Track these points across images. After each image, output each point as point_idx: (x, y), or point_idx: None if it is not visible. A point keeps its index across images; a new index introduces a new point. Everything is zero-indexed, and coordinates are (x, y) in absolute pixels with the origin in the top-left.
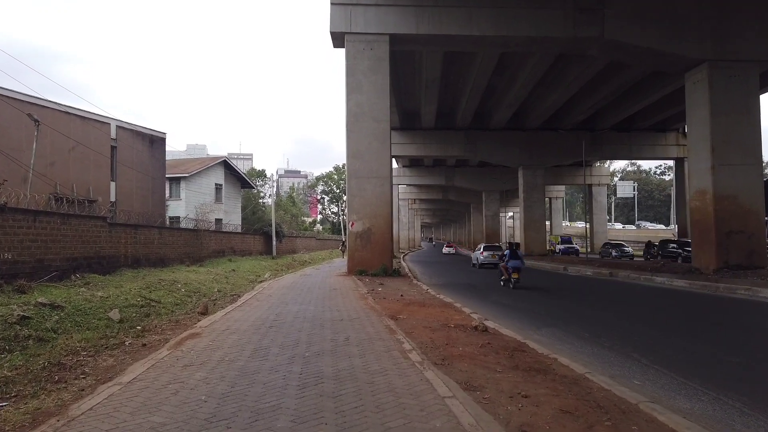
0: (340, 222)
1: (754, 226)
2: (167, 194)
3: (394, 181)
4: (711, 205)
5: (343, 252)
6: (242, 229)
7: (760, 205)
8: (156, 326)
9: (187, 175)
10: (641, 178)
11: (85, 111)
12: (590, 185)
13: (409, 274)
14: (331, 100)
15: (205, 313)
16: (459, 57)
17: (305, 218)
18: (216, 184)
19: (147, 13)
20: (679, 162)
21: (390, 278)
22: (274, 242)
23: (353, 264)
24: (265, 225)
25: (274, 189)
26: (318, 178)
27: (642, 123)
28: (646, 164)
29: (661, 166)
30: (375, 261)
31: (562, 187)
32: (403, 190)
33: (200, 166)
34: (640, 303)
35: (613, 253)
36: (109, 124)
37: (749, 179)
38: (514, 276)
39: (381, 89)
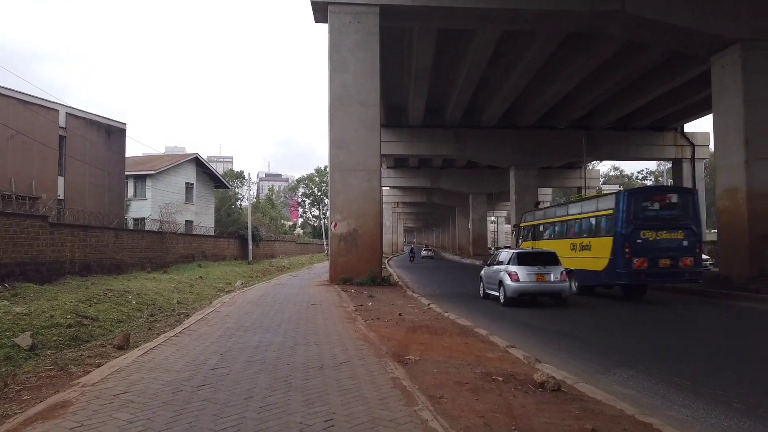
0: (321, 225)
1: None
2: (131, 193)
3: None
4: (744, 204)
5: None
6: (215, 231)
7: None
8: (26, 377)
9: (153, 172)
10: (624, 183)
11: (28, 95)
12: (580, 188)
13: (401, 284)
14: (315, 103)
15: (123, 346)
16: (452, 44)
17: (285, 222)
18: (187, 183)
19: (127, 14)
20: (677, 163)
21: (380, 288)
22: (250, 246)
23: (336, 271)
24: (240, 228)
25: (253, 190)
26: (299, 181)
27: (640, 121)
28: (628, 169)
29: (643, 171)
30: (362, 268)
31: (550, 191)
32: (386, 192)
33: (169, 162)
34: (693, 321)
35: None
36: (57, 110)
37: None
38: None
39: (370, 69)
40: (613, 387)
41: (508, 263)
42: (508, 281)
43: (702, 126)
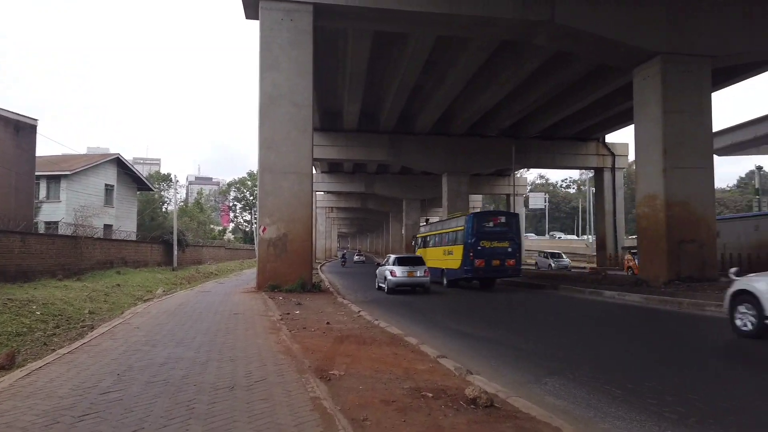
0: (253, 231)
1: (705, 234)
2: (42, 194)
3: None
4: (662, 211)
5: None
6: (138, 236)
7: (711, 212)
8: None
9: (69, 172)
10: (549, 191)
11: None
12: (509, 195)
13: (332, 289)
14: (250, 106)
15: (6, 366)
16: (387, 50)
17: (215, 226)
18: (106, 185)
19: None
20: (599, 171)
21: (310, 295)
22: (175, 252)
23: (264, 278)
24: (165, 232)
25: (181, 193)
26: (230, 184)
27: (564, 132)
28: (553, 178)
29: (566, 179)
30: (291, 274)
31: (480, 197)
32: (320, 197)
33: (86, 163)
34: (612, 324)
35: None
36: None
37: (701, 184)
38: None
39: (303, 68)
40: (545, 399)
41: (392, 264)
42: (389, 276)
43: (621, 137)
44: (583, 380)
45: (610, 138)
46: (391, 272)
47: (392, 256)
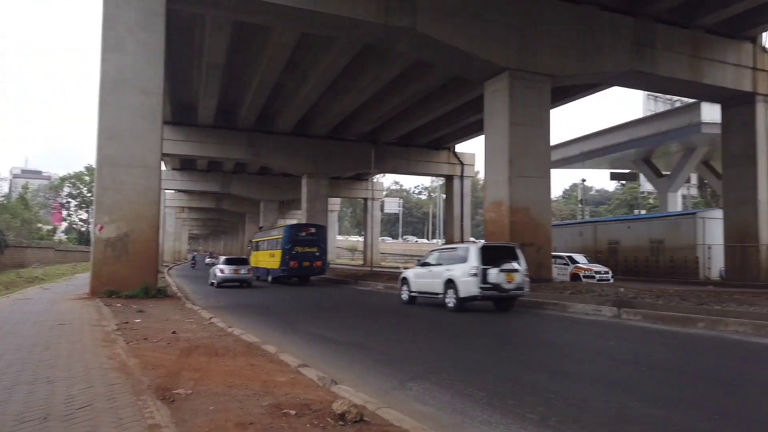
0: (89, 231)
1: (543, 239)
2: None
3: (161, 185)
4: (507, 216)
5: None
6: None
7: (548, 218)
8: None
9: None
10: (403, 196)
11: None
12: (366, 199)
13: (180, 295)
14: (91, 93)
15: None
16: (248, 45)
17: (44, 226)
18: None
19: None
20: (449, 179)
21: (154, 301)
22: None
23: (100, 282)
24: None
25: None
26: (63, 179)
27: (419, 140)
28: (406, 184)
29: (419, 186)
30: (133, 278)
31: (338, 200)
32: (170, 195)
33: None
34: (457, 325)
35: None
36: None
37: (540, 192)
38: None
39: (153, 53)
40: (413, 405)
41: (221, 264)
42: (218, 273)
43: (469, 147)
44: (444, 383)
45: (460, 148)
46: (220, 270)
47: (222, 257)
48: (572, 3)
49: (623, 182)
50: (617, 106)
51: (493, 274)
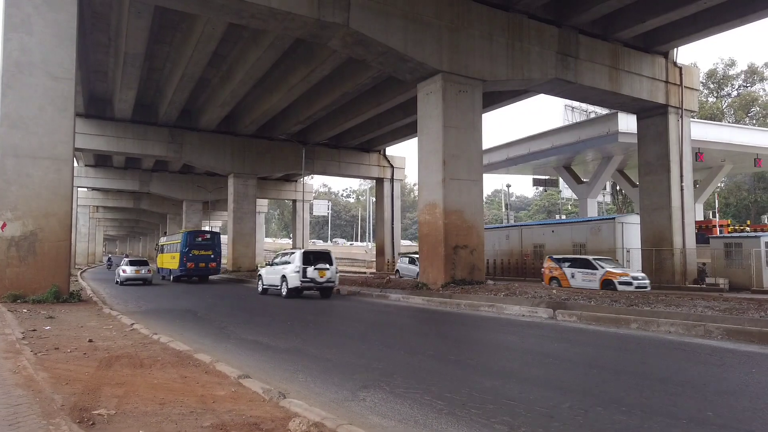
0: None
1: (476, 241)
2: None
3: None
4: (441, 218)
5: None
6: None
7: (480, 221)
8: None
9: None
10: (331, 199)
11: None
12: (295, 201)
13: (96, 299)
14: None
15: None
16: (170, 35)
17: None
18: None
19: None
20: (380, 182)
21: (66, 306)
22: None
23: (2, 286)
24: None
25: None
26: None
27: (350, 142)
28: (335, 187)
29: (347, 189)
30: (42, 281)
31: (266, 202)
32: (83, 194)
33: None
34: (408, 326)
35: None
36: None
37: (473, 195)
38: None
39: (63, 34)
40: (370, 419)
41: (124, 265)
42: (121, 273)
43: (399, 150)
44: (399, 392)
45: (390, 151)
46: (123, 270)
47: (125, 260)
48: (503, 10)
49: (545, 188)
50: (538, 115)
51: (310, 271)
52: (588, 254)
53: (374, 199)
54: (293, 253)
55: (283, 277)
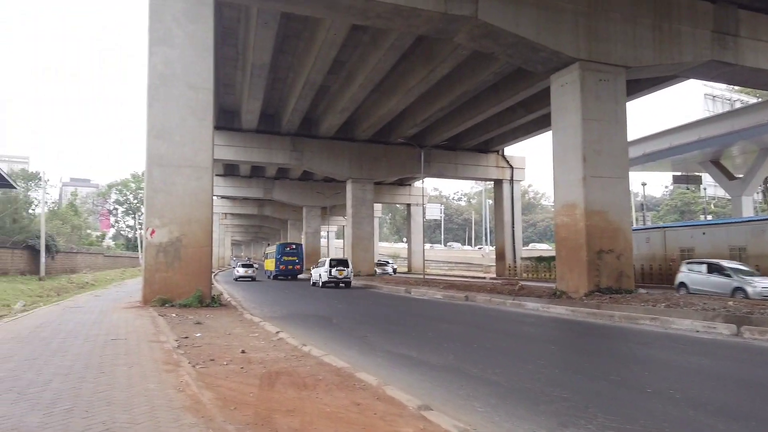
0: (136, 237)
1: (623, 245)
2: None
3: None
4: (582, 220)
5: None
6: None
7: (627, 222)
8: None
9: None
10: (443, 203)
11: None
12: (409, 205)
13: (234, 303)
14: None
15: None
16: (293, 44)
17: (92, 231)
18: None
19: None
20: (498, 183)
21: (209, 311)
22: (42, 259)
23: (152, 290)
24: (31, 236)
25: (51, 193)
26: (110, 186)
27: (467, 143)
28: (446, 191)
29: (458, 192)
30: (186, 286)
31: (380, 206)
32: (214, 202)
33: None
34: (558, 341)
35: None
36: None
37: (617, 193)
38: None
39: (201, 45)
40: None
41: (237, 267)
42: (235, 273)
43: (519, 150)
44: (612, 425)
45: (509, 151)
46: (237, 270)
47: (239, 263)
48: None
49: (687, 186)
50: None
51: (333, 272)
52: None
53: (490, 202)
54: (324, 260)
55: (319, 275)
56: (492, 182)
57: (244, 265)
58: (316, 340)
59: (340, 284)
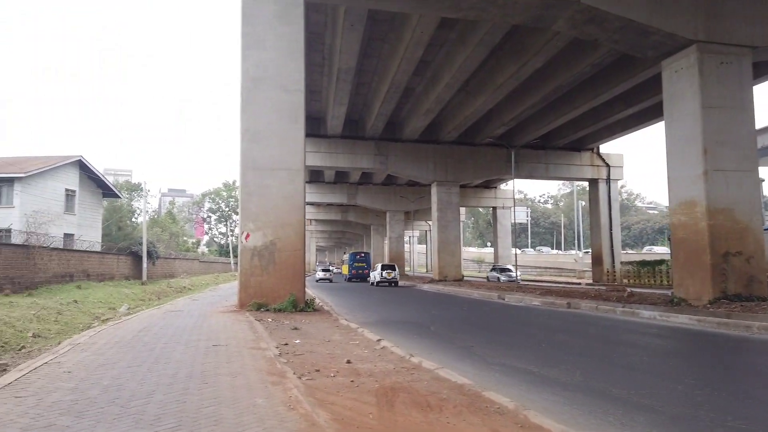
0: (228, 243)
1: (753, 246)
2: None
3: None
4: (704, 219)
5: None
6: (102, 247)
7: (758, 220)
8: None
9: (23, 175)
10: (528, 204)
11: None
12: (495, 208)
13: (326, 308)
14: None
15: None
16: (378, 46)
17: (188, 238)
18: (67, 190)
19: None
20: (593, 183)
21: (304, 316)
22: (144, 264)
23: (248, 294)
24: (134, 243)
25: (152, 203)
26: (204, 195)
27: (558, 141)
28: (531, 193)
29: (544, 194)
30: (280, 290)
31: (463, 210)
32: None
33: (43, 165)
34: (700, 355)
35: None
36: None
37: (745, 188)
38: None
39: (293, 47)
40: None
41: (318, 271)
42: (316, 276)
43: (615, 147)
44: None
45: (605, 148)
46: (318, 273)
47: (319, 267)
48: None
49: None
50: None
51: (383, 274)
52: None
53: (583, 203)
54: (378, 265)
55: (374, 276)
56: (583, 182)
57: (323, 270)
58: (421, 349)
59: (391, 283)
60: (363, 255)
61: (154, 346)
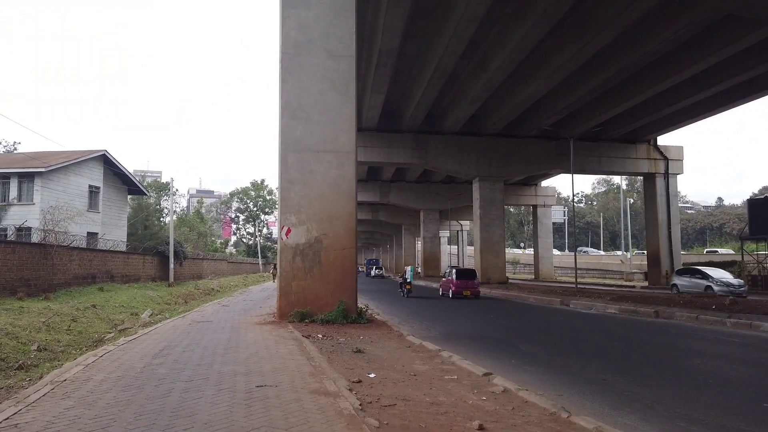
0: (256, 244)
1: None
2: (13, 195)
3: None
4: None
5: (275, 277)
6: (128, 246)
7: None
8: None
9: (44, 170)
10: (564, 205)
11: None
12: (535, 206)
13: (380, 318)
14: (260, 118)
15: None
16: (424, 25)
17: (216, 239)
18: (91, 187)
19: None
20: (650, 177)
21: (359, 330)
22: (171, 265)
23: (288, 302)
24: (161, 243)
25: (182, 202)
26: (232, 194)
27: (611, 132)
28: (565, 191)
29: (579, 193)
30: (327, 297)
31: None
32: None
33: (66, 159)
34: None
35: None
36: None
37: None
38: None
39: (341, 3)
40: None
41: (406, 276)
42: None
43: (675, 139)
44: None
45: (662, 140)
46: (372, 270)
47: (368, 263)
48: None
49: None
50: None
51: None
52: None
53: (634, 201)
54: (406, 269)
55: (400, 279)
56: (629, 177)
57: (377, 267)
58: (542, 385)
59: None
60: (375, 260)
61: (171, 387)
